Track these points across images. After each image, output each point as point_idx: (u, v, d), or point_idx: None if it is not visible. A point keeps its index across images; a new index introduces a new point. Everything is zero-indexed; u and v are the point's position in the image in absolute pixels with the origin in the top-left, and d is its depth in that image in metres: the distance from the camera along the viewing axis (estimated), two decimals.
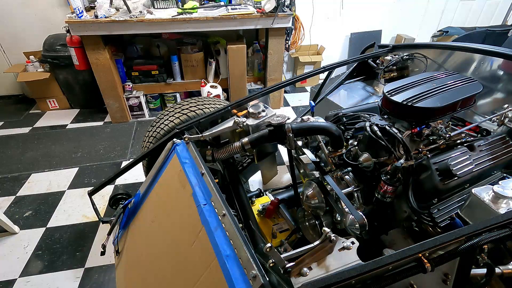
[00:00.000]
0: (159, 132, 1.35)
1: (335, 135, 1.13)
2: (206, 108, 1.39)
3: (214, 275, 0.70)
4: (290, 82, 1.67)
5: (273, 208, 1.32)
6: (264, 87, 3.42)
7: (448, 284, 0.71)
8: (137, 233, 1.15)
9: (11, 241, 1.92)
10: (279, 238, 1.23)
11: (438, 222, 0.98)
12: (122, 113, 3.22)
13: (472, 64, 1.73)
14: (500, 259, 0.83)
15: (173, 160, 1.08)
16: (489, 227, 0.69)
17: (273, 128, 1.07)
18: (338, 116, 1.42)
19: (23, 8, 3.16)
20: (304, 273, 0.65)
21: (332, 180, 1.06)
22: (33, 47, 3.29)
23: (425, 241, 0.65)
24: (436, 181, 1.01)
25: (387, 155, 1.10)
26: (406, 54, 1.99)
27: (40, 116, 3.39)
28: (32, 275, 1.72)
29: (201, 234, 0.79)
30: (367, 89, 2.02)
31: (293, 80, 1.66)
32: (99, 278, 1.70)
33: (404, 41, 4.07)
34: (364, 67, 2.07)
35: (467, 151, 1.11)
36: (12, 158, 2.69)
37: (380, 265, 0.60)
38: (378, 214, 1.12)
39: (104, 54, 2.79)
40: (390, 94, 1.14)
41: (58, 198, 2.25)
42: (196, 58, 3.14)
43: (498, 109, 1.46)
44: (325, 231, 0.66)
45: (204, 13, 2.72)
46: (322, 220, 1.11)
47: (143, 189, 1.20)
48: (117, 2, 2.82)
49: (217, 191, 0.87)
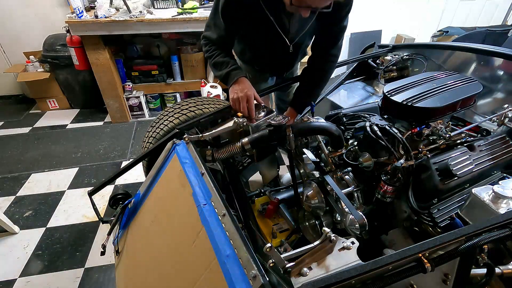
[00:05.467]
0: (158, 133, 1.35)
1: (335, 135, 1.13)
2: (206, 108, 1.38)
3: (214, 275, 0.69)
4: (290, 82, 1.67)
5: (273, 208, 1.32)
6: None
7: (448, 284, 0.71)
8: (137, 233, 1.15)
9: (11, 241, 1.92)
10: (279, 238, 1.23)
11: (438, 222, 0.98)
12: (122, 113, 3.22)
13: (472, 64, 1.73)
14: (500, 259, 0.84)
15: (173, 160, 1.08)
16: (489, 227, 0.69)
17: (273, 128, 1.07)
18: (338, 116, 1.42)
19: (23, 8, 3.16)
20: (304, 273, 0.65)
21: (332, 180, 1.06)
22: (33, 47, 3.29)
23: (425, 241, 0.65)
24: (436, 181, 1.01)
25: (387, 155, 1.10)
26: (406, 54, 1.99)
27: (40, 116, 3.39)
28: (32, 275, 1.72)
29: (201, 234, 0.79)
30: (367, 89, 2.02)
31: (293, 80, 1.66)
32: (99, 278, 1.70)
33: (404, 41, 4.07)
34: (364, 67, 2.07)
35: (467, 151, 1.11)
36: (12, 158, 2.69)
37: (380, 265, 0.60)
38: (378, 214, 1.12)
39: (104, 54, 2.78)
40: (390, 94, 1.14)
41: (58, 198, 2.25)
42: (196, 58, 3.14)
43: (498, 109, 1.46)
44: (325, 231, 0.66)
45: (204, 13, 2.72)
46: (322, 220, 1.11)
47: (143, 189, 1.20)
48: (117, 2, 2.82)
49: (217, 191, 0.87)
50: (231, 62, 1.25)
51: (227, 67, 1.24)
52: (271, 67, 1.64)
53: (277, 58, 1.51)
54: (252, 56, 1.57)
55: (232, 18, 1.22)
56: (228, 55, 1.29)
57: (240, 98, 1.16)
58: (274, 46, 1.39)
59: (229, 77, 1.23)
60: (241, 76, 1.22)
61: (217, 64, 1.27)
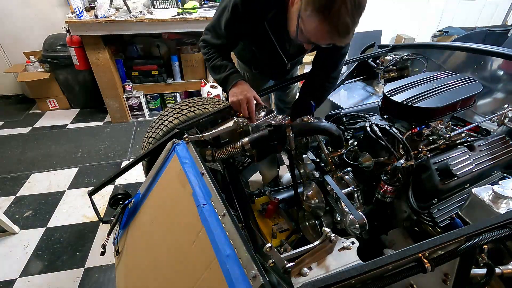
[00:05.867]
0: (158, 133, 1.34)
1: (335, 135, 1.13)
2: (206, 108, 1.38)
3: (214, 275, 0.69)
4: (290, 82, 1.68)
5: (273, 208, 1.32)
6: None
7: (448, 284, 0.71)
8: (137, 233, 1.15)
9: (11, 241, 1.92)
10: (279, 238, 1.23)
11: (438, 222, 0.98)
12: (122, 113, 3.22)
13: (472, 64, 1.73)
14: (500, 259, 0.84)
15: (173, 160, 1.08)
16: (489, 227, 0.69)
17: (273, 128, 1.07)
18: (338, 116, 1.42)
19: (23, 8, 3.16)
20: (304, 273, 0.65)
21: (332, 180, 1.06)
22: (33, 47, 3.29)
23: (425, 241, 0.65)
24: (436, 181, 1.01)
25: (387, 155, 1.10)
26: (406, 54, 1.99)
27: (40, 116, 3.39)
28: (32, 275, 1.72)
29: (201, 234, 0.79)
30: (367, 89, 2.02)
31: (293, 80, 1.66)
32: (99, 278, 1.70)
33: (404, 41, 4.07)
34: (364, 67, 2.07)
35: (467, 151, 1.11)
36: (12, 158, 2.69)
37: (380, 265, 0.60)
38: (378, 214, 1.12)
39: (104, 54, 2.78)
40: (390, 94, 1.14)
41: (58, 198, 2.25)
42: (196, 58, 3.14)
43: (498, 109, 1.46)
44: (325, 231, 0.66)
45: (204, 13, 2.72)
46: (322, 220, 1.11)
47: (143, 189, 1.20)
48: (117, 2, 2.82)
49: (217, 191, 0.87)
50: (229, 66, 1.25)
51: (225, 70, 1.23)
52: (269, 74, 1.68)
53: (274, 69, 1.56)
54: (251, 60, 1.59)
55: (236, 33, 1.24)
56: (226, 59, 1.28)
57: (240, 101, 1.16)
58: (272, 61, 1.44)
59: (227, 80, 1.23)
60: (240, 79, 1.22)
61: (215, 68, 1.26)
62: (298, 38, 1.06)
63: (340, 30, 0.93)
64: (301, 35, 1.03)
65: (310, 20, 0.95)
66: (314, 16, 0.92)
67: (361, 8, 0.91)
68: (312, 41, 1.03)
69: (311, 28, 0.97)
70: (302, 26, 0.99)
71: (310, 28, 0.97)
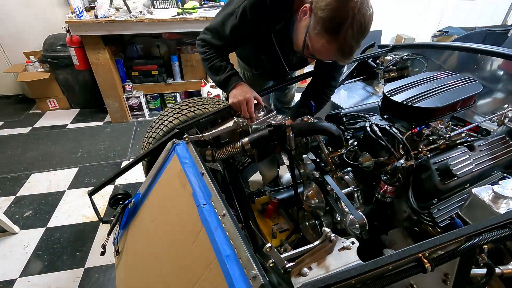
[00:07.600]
0: (158, 133, 1.34)
1: (335, 135, 1.13)
2: (206, 108, 1.38)
3: (214, 275, 0.70)
4: (290, 82, 1.68)
5: (273, 208, 1.32)
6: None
7: (448, 284, 0.71)
8: (137, 233, 1.15)
9: (11, 241, 1.92)
10: (279, 238, 1.23)
11: (438, 222, 0.98)
12: (122, 113, 3.22)
13: (472, 64, 1.73)
14: (500, 259, 0.84)
15: (173, 160, 1.08)
16: (489, 227, 0.69)
17: (273, 128, 1.07)
18: (338, 116, 1.42)
19: (23, 8, 3.16)
20: (304, 273, 0.65)
21: (332, 180, 1.06)
22: (33, 47, 3.29)
23: (425, 241, 0.65)
24: (436, 181, 1.01)
25: (387, 155, 1.10)
26: (406, 54, 1.99)
27: (40, 116, 3.39)
28: (32, 275, 1.72)
29: (201, 234, 0.79)
30: (367, 89, 2.02)
31: (293, 80, 1.66)
32: (99, 278, 1.70)
33: (404, 41, 4.07)
34: (364, 67, 2.07)
35: (467, 151, 1.11)
36: (12, 158, 2.69)
37: (380, 265, 0.60)
38: (378, 214, 1.12)
39: (104, 54, 2.78)
40: (390, 94, 1.14)
41: (58, 198, 2.25)
42: (196, 58, 3.14)
43: (498, 109, 1.46)
44: (325, 231, 0.66)
45: (204, 13, 2.72)
46: (322, 220, 1.11)
47: (143, 189, 1.20)
48: (117, 2, 2.82)
49: (217, 191, 0.87)
50: (229, 67, 1.24)
51: (225, 72, 1.22)
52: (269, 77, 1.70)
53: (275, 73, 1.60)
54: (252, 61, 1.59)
55: (241, 40, 1.25)
56: (225, 60, 1.27)
57: (240, 102, 1.16)
58: (274, 67, 1.48)
59: (227, 82, 1.22)
60: (240, 81, 1.22)
61: (214, 68, 1.25)
62: (303, 53, 1.09)
63: (345, 51, 0.98)
64: (307, 50, 1.06)
65: (317, 39, 0.99)
66: (322, 35, 0.96)
67: (365, 32, 0.96)
68: (316, 57, 1.09)
69: (318, 45, 1.01)
70: (309, 42, 1.03)
71: (316, 46, 1.01)
